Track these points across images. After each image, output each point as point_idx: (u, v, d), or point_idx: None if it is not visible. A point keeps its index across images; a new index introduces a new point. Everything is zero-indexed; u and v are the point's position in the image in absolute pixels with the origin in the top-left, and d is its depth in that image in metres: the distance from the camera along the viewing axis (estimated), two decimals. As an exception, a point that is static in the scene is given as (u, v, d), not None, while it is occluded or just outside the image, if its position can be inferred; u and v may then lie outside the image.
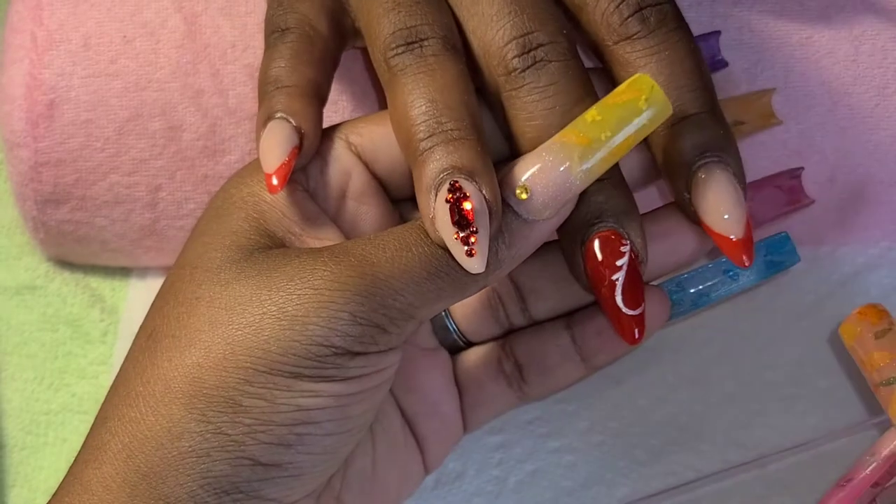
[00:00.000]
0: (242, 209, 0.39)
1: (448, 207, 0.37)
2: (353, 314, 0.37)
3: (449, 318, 0.44)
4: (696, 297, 0.43)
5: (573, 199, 0.39)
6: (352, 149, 0.41)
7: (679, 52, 0.40)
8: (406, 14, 0.39)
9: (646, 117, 0.38)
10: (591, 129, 0.38)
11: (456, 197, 0.37)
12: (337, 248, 0.38)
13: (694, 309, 0.44)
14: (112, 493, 0.37)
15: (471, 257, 0.37)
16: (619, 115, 0.38)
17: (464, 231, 0.37)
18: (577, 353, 0.43)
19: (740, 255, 0.39)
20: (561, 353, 0.43)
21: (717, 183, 0.39)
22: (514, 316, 0.44)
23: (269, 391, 0.37)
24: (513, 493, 0.49)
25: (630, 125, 0.38)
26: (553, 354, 0.43)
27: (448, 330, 0.44)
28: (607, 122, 0.38)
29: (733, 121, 0.48)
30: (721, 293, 0.44)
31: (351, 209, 0.41)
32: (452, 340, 0.45)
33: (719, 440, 0.50)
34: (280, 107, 0.40)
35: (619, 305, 0.39)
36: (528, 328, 0.44)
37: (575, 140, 0.38)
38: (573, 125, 0.38)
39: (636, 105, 0.38)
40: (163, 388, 0.37)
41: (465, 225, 0.37)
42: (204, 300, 0.38)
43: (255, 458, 0.37)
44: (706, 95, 0.40)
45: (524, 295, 0.44)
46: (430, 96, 0.38)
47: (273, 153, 0.39)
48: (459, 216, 0.37)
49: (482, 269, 0.37)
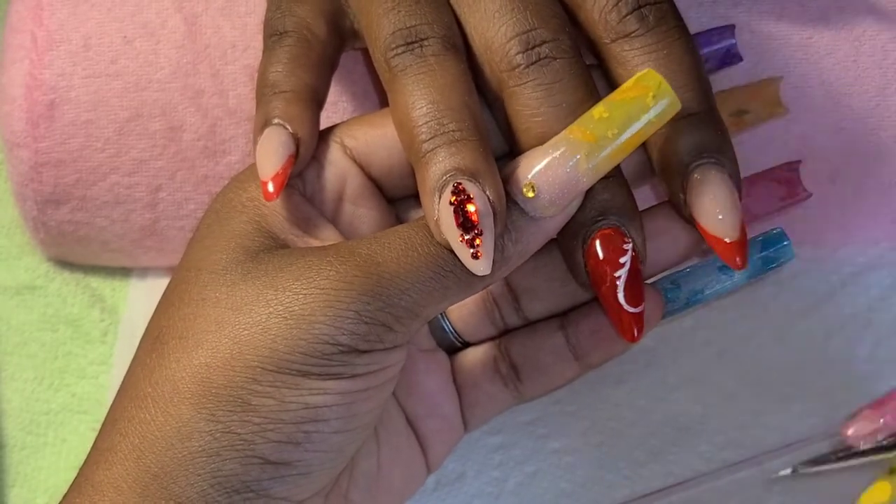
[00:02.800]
0: (243, 213, 0.40)
1: (452, 210, 0.37)
2: (358, 313, 0.37)
3: (445, 319, 0.44)
4: (690, 294, 0.43)
5: (580, 197, 0.38)
6: (347, 152, 0.41)
7: (677, 50, 0.40)
8: (406, 14, 0.39)
9: (654, 113, 0.38)
10: (599, 126, 0.38)
11: (460, 199, 0.37)
12: (342, 248, 0.38)
13: (688, 307, 0.43)
14: (123, 493, 0.37)
15: (476, 259, 0.37)
16: (627, 112, 0.38)
17: (468, 233, 0.37)
18: (571, 353, 0.43)
19: (734, 257, 0.39)
20: (555, 353, 0.43)
21: (713, 184, 0.39)
22: (509, 316, 0.44)
23: (277, 389, 0.37)
24: (512, 495, 0.49)
25: (638, 122, 0.38)
26: (547, 354, 0.43)
27: (445, 331, 0.44)
28: (615, 119, 0.38)
29: (738, 109, 0.48)
30: (715, 291, 0.43)
31: (348, 212, 0.41)
32: (450, 341, 0.45)
33: (719, 440, 0.50)
34: (277, 112, 0.40)
35: (622, 303, 0.39)
36: (522, 328, 0.44)
37: (582, 137, 0.37)
38: (580, 122, 0.38)
39: (644, 101, 0.38)
40: (171, 388, 0.37)
41: (470, 227, 0.37)
42: (210, 301, 0.38)
43: (265, 457, 0.37)
44: (703, 96, 0.40)
45: (518, 295, 0.44)
46: (432, 97, 0.38)
47: (269, 160, 0.39)
48: (464, 218, 0.37)
49: (488, 271, 0.37)
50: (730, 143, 0.40)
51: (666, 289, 0.43)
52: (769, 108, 0.48)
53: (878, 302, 0.52)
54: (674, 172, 0.40)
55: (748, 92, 0.48)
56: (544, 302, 0.44)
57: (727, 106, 0.48)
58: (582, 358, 0.43)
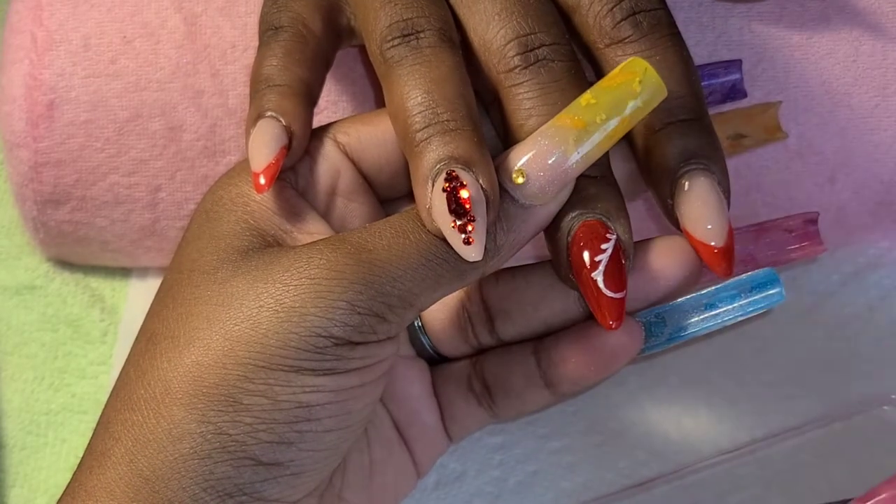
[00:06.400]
0: (233, 211, 0.39)
1: (445, 196, 0.37)
2: (351, 303, 0.37)
3: (422, 331, 0.44)
4: (674, 331, 0.42)
5: (570, 184, 0.38)
6: (340, 147, 0.41)
7: (670, 57, 0.40)
8: (402, 7, 0.39)
9: (641, 100, 0.38)
10: (587, 113, 0.38)
11: (452, 186, 0.37)
12: (333, 238, 0.38)
13: (670, 342, 0.42)
14: (116, 498, 0.37)
15: (468, 245, 0.37)
16: (614, 98, 0.38)
17: (461, 219, 0.37)
18: (542, 379, 0.43)
19: (720, 265, 0.39)
20: (526, 378, 0.43)
21: (701, 191, 0.39)
22: (483, 336, 0.44)
23: (269, 388, 0.37)
24: (513, 494, 0.49)
25: (626, 108, 0.38)
26: (518, 378, 0.43)
27: (422, 343, 0.44)
28: (602, 104, 0.38)
29: (736, 133, 0.48)
30: (700, 329, 0.42)
31: (340, 206, 0.41)
32: (428, 354, 0.44)
33: (719, 440, 0.50)
34: (270, 105, 0.40)
35: (601, 287, 0.39)
36: (498, 349, 0.44)
37: (570, 123, 0.38)
38: (568, 109, 0.38)
39: (631, 87, 0.38)
40: (163, 389, 0.37)
41: (462, 213, 0.37)
42: (201, 300, 0.38)
43: (257, 458, 0.37)
44: (695, 102, 0.40)
45: (493, 315, 0.43)
46: (426, 87, 0.38)
47: (261, 152, 0.39)
48: (456, 204, 0.37)
49: (480, 257, 0.37)
50: (720, 149, 0.40)
51: (651, 322, 0.42)
52: (768, 134, 0.48)
53: (878, 302, 0.52)
54: (662, 178, 0.40)
55: (745, 116, 0.48)
56: (517, 326, 0.43)
57: (725, 129, 0.48)
58: (552, 386, 0.43)
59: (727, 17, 0.49)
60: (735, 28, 0.49)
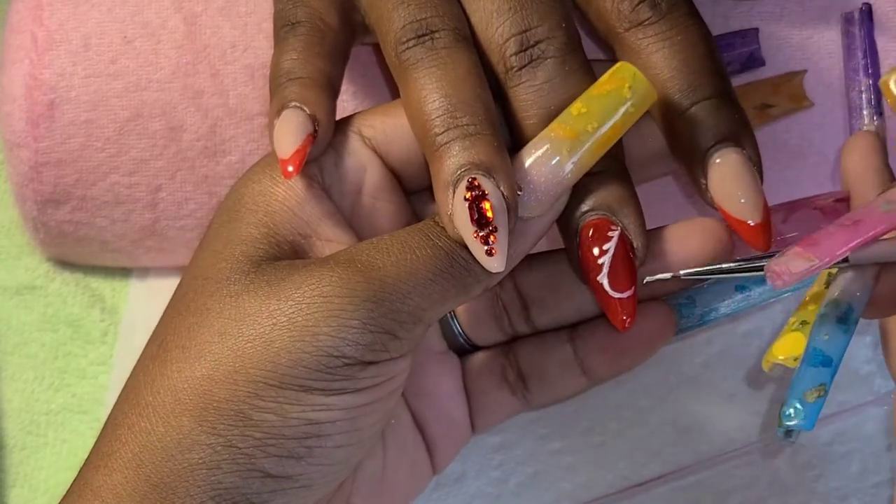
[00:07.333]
0: (254, 212, 0.39)
1: (467, 206, 0.37)
2: (363, 322, 0.36)
3: (454, 320, 0.44)
4: (705, 312, 0.43)
5: (566, 193, 0.39)
6: (366, 142, 0.41)
7: (691, 36, 0.40)
8: (416, 7, 0.39)
9: (630, 105, 0.38)
10: (578, 122, 0.38)
11: (475, 195, 0.37)
12: (342, 256, 0.38)
13: (701, 324, 0.43)
14: (122, 501, 0.37)
15: (491, 256, 0.37)
16: (604, 105, 0.38)
17: (483, 230, 0.37)
18: (579, 366, 0.43)
19: (758, 240, 0.39)
20: (562, 365, 0.43)
21: (733, 167, 0.39)
22: (518, 324, 0.44)
23: (279, 405, 0.36)
24: (513, 495, 0.49)
25: (615, 114, 0.38)
26: (554, 366, 0.43)
27: (454, 332, 0.44)
28: (592, 113, 0.38)
29: (762, 104, 0.47)
30: (731, 309, 0.43)
31: (367, 206, 0.41)
32: (459, 343, 0.44)
33: (719, 440, 0.50)
34: (294, 96, 0.39)
35: (605, 288, 0.39)
36: (532, 337, 0.44)
37: (562, 134, 0.38)
38: (559, 119, 0.38)
39: (620, 94, 0.38)
40: (172, 399, 0.37)
41: (485, 224, 0.37)
42: (213, 311, 0.38)
43: (265, 471, 0.37)
44: (719, 80, 0.40)
45: (527, 304, 0.43)
46: (444, 91, 0.38)
47: (287, 139, 0.39)
48: (479, 215, 0.37)
49: (502, 268, 0.37)
50: (749, 125, 0.40)
51: (681, 304, 0.43)
52: (794, 102, 0.48)
53: (878, 302, 0.52)
54: (693, 158, 0.40)
55: (771, 86, 0.48)
56: (552, 314, 0.43)
57: (751, 99, 0.48)
58: (589, 372, 0.43)
59: (728, 16, 0.49)
60: (735, 28, 0.49)
